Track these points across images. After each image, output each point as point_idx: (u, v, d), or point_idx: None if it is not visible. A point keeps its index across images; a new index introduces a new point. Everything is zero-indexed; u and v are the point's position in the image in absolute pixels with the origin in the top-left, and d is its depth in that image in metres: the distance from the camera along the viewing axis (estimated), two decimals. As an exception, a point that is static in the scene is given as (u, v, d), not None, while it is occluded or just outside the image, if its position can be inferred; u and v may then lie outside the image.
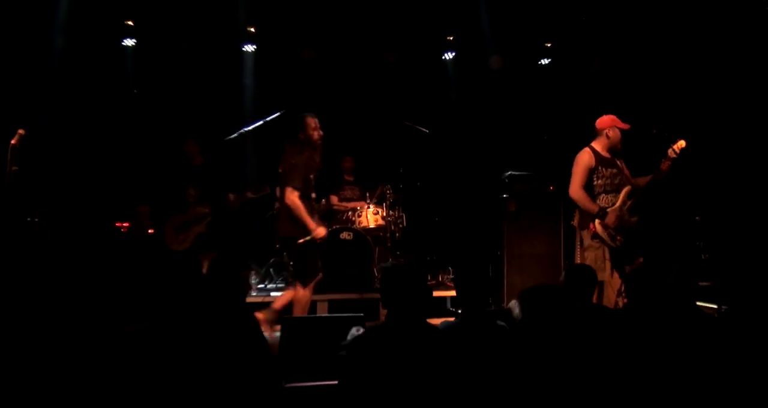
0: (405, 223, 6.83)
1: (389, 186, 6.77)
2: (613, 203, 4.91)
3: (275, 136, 5.07)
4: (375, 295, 5.74)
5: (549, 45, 7.81)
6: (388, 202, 6.66)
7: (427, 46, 7.71)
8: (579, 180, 4.94)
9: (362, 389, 2.70)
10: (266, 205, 6.75)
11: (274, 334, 4.50)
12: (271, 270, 6.81)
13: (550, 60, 7.89)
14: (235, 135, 5.72)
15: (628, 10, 6.85)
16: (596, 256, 4.92)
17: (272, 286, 6.62)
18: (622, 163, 5.09)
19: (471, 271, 3.27)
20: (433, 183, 7.64)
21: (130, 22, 6.95)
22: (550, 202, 6.51)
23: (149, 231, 6.30)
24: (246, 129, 5.77)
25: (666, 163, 4.80)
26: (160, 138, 6.93)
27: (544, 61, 7.91)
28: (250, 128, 5.78)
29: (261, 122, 5.78)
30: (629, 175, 5.06)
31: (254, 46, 7.35)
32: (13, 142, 4.72)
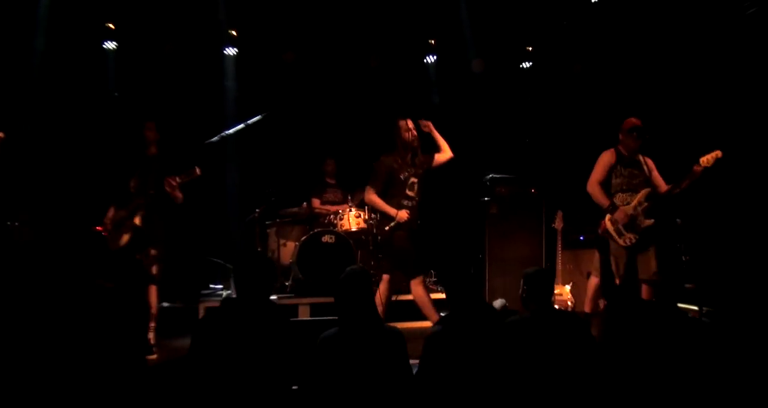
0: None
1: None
2: (628, 202, 5.06)
3: (257, 139, 5.01)
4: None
5: (530, 49, 7.86)
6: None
7: (409, 49, 7.72)
8: (597, 176, 5.18)
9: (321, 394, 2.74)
10: (247, 210, 6.76)
11: None
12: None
13: (531, 63, 7.94)
14: (217, 138, 5.67)
15: (609, 14, 6.90)
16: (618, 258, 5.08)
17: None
18: (651, 166, 5.21)
19: (459, 270, 3.29)
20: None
21: (111, 25, 6.90)
22: (532, 205, 6.56)
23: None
24: (227, 132, 5.74)
25: (686, 182, 4.88)
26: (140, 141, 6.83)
27: (526, 65, 7.96)
28: (231, 131, 5.75)
29: (243, 125, 5.76)
30: (655, 178, 5.17)
31: (236, 49, 7.33)
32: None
